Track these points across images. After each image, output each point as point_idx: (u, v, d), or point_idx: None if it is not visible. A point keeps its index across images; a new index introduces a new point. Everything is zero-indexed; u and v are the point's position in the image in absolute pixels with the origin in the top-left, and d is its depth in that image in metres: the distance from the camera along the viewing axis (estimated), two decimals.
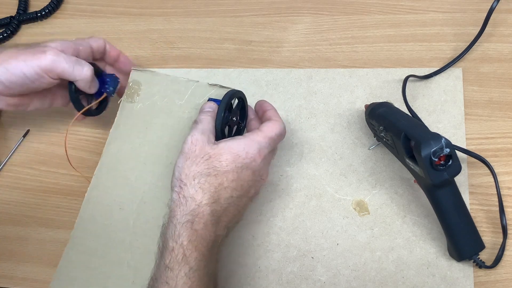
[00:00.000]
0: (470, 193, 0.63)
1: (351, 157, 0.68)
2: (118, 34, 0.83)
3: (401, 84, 0.68)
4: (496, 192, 0.61)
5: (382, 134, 0.61)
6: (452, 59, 0.71)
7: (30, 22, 0.87)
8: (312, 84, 0.73)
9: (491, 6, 0.68)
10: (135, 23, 0.84)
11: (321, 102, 0.72)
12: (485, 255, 0.60)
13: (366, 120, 0.67)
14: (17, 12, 0.86)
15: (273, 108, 0.63)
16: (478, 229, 0.59)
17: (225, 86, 0.64)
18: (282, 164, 0.69)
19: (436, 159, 0.53)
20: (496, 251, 0.59)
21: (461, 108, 0.68)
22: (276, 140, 0.60)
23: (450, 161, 0.54)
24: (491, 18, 0.69)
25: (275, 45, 0.78)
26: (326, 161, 0.68)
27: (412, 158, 0.56)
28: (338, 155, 0.68)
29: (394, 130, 0.58)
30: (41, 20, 0.86)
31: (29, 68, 0.61)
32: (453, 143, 0.55)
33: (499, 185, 0.61)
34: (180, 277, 0.52)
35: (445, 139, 0.53)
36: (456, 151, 0.55)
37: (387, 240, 0.63)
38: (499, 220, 0.60)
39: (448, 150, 0.53)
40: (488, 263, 0.59)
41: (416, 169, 0.56)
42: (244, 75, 0.76)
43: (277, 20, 0.80)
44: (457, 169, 0.54)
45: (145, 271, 0.56)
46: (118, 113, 0.68)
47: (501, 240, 0.60)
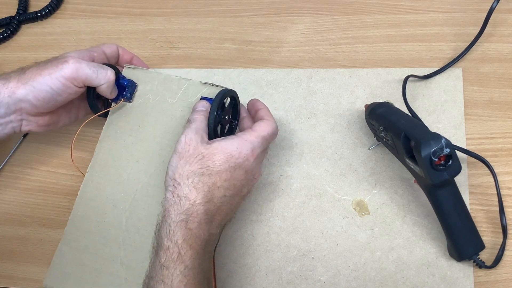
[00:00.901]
0: (470, 193, 0.63)
1: (351, 157, 0.68)
2: (118, 34, 0.83)
3: (401, 84, 0.68)
4: (496, 192, 0.61)
5: (382, 134, 0.61)
6: (452, 59, 0.71)
7: (30, 22, 0.86)
8: (312, 84, 0.73)
9: (491, 6, 0.68)
10: (135, 23, 0.84)
11: (321, 102, 0.72)
12: (485, 255, 0.60)
13: (366, 120, 0.67)
14: (17, 12, 0.86)
15: (265, 107, 0.63)
16: (478, 229, 0.59)
17: (217, 85, 0.64)
18: (282, 164, 0.69)
19: (436, 159, 0.53)
20: (496, 251, 0.59)
21: (461, 108, 0.68)
22: (269, 140, 0.60)
23: (450, 161, 0.54)
24: (491, 18, 0.69)
25: (275, 45, 0.78)
26: (326, 161, 0.68)
27: (412, 158, 0.56)
28: (338, 155, 0.68)
29: (394, 130, 0.58)
30: (41, 20, 0.86)
31: (54, 81, 0.61)
32: (453, 143, 0.55)
33: (499, 185, 0.61)
34: (176, 275, 0.52)
35: (445, 139, 0.53)
36: (456, 151, 0.55)
37: (387, 240, 0.63)
38: (499, 220, 0.60)
39: (448, 150, 0.53)
40: (488, 263, 0.59)
41: (416, 169, 0.56)
42: (244, 75, 0.76)
43: (277, 20, 0.80)
44: (457, 169, 0.54)
45: (138, 268, 0.57)
46: (111, 111, 0.68)
47: (501, 240, 0.60)
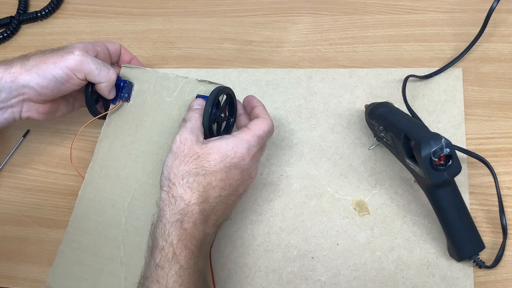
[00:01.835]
0: (470, 193, 0.63)
1: (351, 157, 0.68)
2: (118, 34, 0.83)
3: (401, 84, 0.68)
4: (496, 192, 0.61)
5: (382, 134, 0.61)
6: (452, 59, 0.71)
7: (30, 22, 0.87)
8: (312, 84, 0.73)
9: (491, 6, 0.68)
10: (135, 23, 0.84)
11: (321, 102, 0.72)
12: (485, 255, 0.60)
13: (366, 120, 0.67)
14: (17, 12, 0.86)
15: (261, 105, 0.63)
16: (478, 229, 0.59)
17: (214, 82, 0.64)
18: (282, 164, 0.69)
19: (436, 159, 0.53)
20: (496, 251, 0.59)
21: (461, 108, 0.68)
22: (265, 138, 0.60)
23: (450, 161, 0.54)
24: (491, 18, 0.69)
25: (275, 45, 0.78)
26: (326, 161, 0.68)
27: (412, 158, 0.56)
28: (338, 155, 0.68)
29: (394, 130, 0.58)
30: (41, 20, 0.86)
31: (58, 70, 0.61)
32: (453, 143, 0.55)
33: (499, 185, 0.61)
34: (171, 275, 0.52)
35: (445, 139, 0.53)
36: (456, 151, 0.55)
37: (387, 240, 0.63)
38: (499, 220, 0.60)
39: (448, 150, 0.53)
40: (488, 263, 0.59)
41: (416, 169, 0.56)
42: (244, 75, 0.76)
43: (277, 20, 0.80)
44: (457, 169, 0.54)
45: (137, 267, 0.57)
46: (109, 111, 0.68)
47: (501, 240, 0.60)
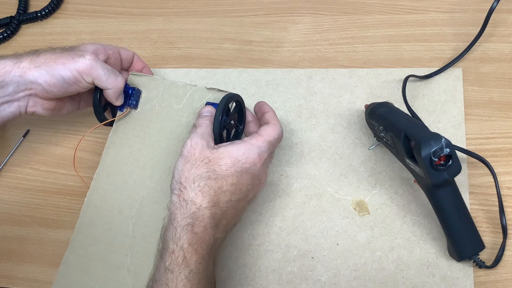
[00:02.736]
0: (470, 193, 0.63)
1: (351, 157, 0.68)
2: (118, 34, 0.83)
3: (401, 84, 0.68)
4: (496, 192, 0.61)
5: (382, 134, 0.61)
6: (452, 59, 0.71)
7: (30, 22, 0.86)
8: (312, 84, 0.73)
9: (491, 6, 0.68)
10: (135, 23, 0.83)
11: (321, 102, 0.72)
12: (485, 255, 0.60)
13: (366, 120, 0.67)
14: (17, 12, 0.86)
15: (272, 110, 0.63)
16: (478, 229, 0.59)
17: (222, 90, 0.64)
18: (282, 164, 0.69)
19: (436, 159, 0.53)
20: (496, 251, 0.59)
21: (461, 108, 0.68)
22: (275, 144, 0.60)
23: (450, 161, 0.54)
24: (491, 18, 0.69)
25: (275, 45, 0.78)
26: (326, 161, 0.68)
27: (412, 158, 0.56)
28: (338, 155, 0.68)
29: (394, 130, 0.58)
30: (41, 20, 0.86)
31: (67, 72, 0.61)
32: (453, 143, 0.55)
33: (499, 185, 0.61)
34: (180, 279, 0.52)
35: (445, 139, 0.53)
36: (456, 151, 0.55)
37: (387, 240, 0.63)
38: (499, 220, 0.60)
39: (448, 150, 0.53)
40: (488, 263, 0.59)
41: (416, 169, 0.56)
42: (244, 75, 0.76)
43: (277, 20, 0.80)
44: (457, 169, 0.54)
45: (145, 275, 0.56)
46: (117, 118, 0.68)
47: (501, 240, 0.60)
